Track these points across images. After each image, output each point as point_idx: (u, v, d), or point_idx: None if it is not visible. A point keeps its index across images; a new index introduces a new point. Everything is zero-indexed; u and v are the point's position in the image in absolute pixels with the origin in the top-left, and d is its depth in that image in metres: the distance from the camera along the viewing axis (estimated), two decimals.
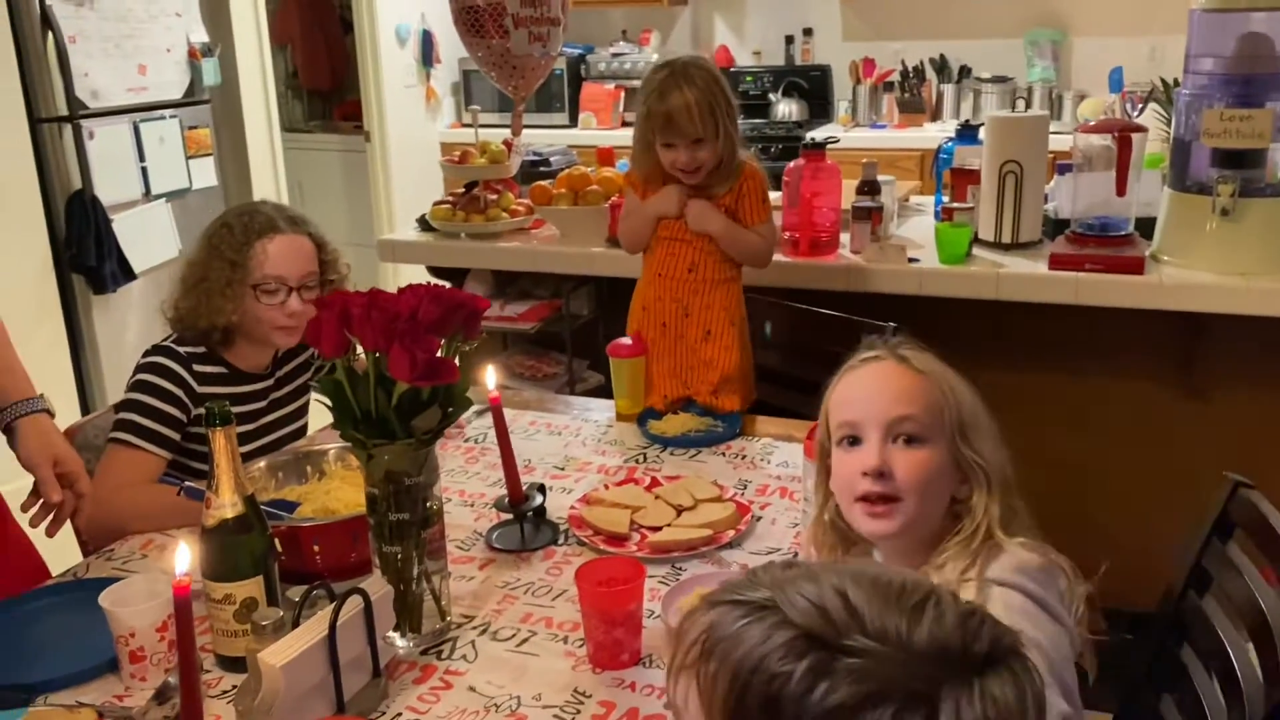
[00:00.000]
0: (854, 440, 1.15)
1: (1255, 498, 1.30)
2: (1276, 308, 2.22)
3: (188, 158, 3.86)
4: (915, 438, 1.11)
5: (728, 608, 0.66)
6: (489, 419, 2.05)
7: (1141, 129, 2.36)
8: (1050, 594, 1.06)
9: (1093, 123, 2.58)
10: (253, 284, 1.84)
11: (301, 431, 2.07)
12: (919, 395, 1.12)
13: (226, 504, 1.27)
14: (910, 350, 1.17)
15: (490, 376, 1.61)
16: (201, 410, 1.82)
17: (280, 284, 1.85)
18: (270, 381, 1.97)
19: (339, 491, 1.60)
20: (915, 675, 0.60)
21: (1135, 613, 1.39)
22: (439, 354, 1.27)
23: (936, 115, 4.79)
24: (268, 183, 4.49)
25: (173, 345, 1.87)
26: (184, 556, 1.07)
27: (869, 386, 1.15)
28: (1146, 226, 2.45)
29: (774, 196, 2.21)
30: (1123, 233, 2.40)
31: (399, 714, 1.23)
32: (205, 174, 3.95)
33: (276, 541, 1.34)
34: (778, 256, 2.52)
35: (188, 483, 1.48)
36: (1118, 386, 2.55)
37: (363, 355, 1.28)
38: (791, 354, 2.34)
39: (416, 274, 3.17)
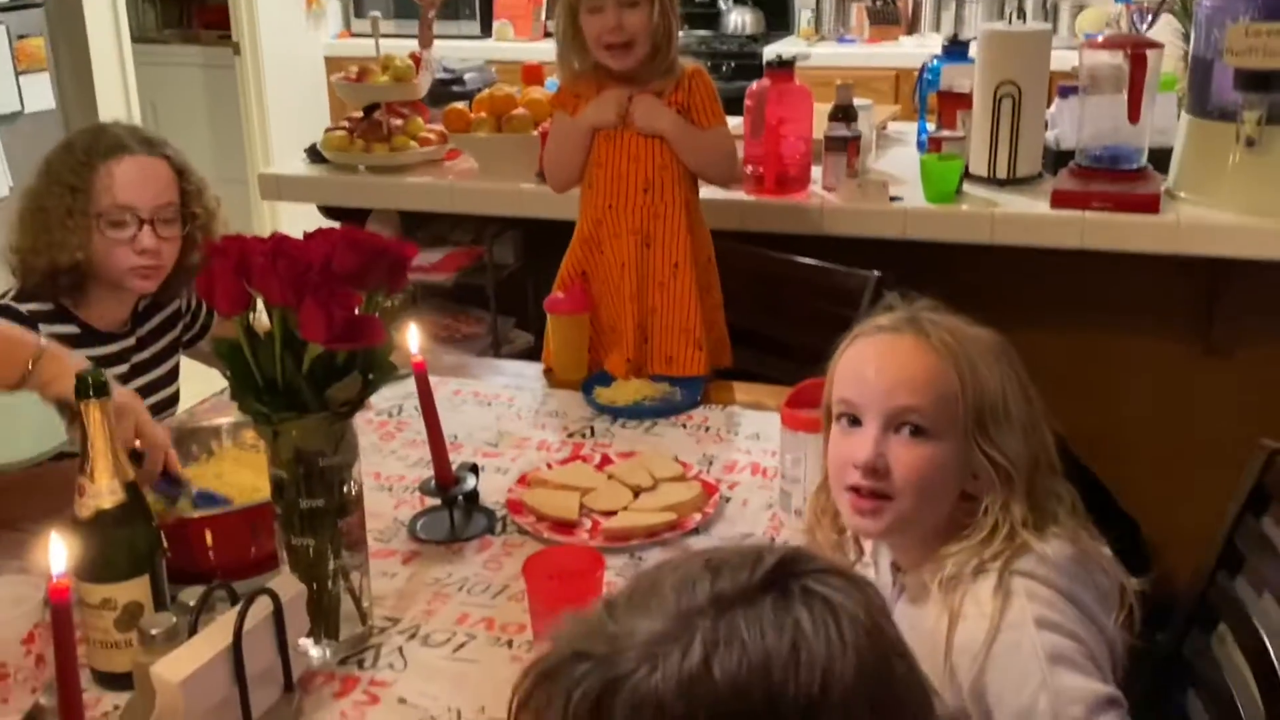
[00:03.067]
0: (853, 420, 1.18)
1: None
2: None
3: (18, 73, 3.76)
4: (921, 430, 1.13)
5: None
6: (402, 388, 2.03)
7: (1157, 45, 2.42)
8: (1085, 590, 1.10)
9: (1099, 37, 2.63)
10: (97, 213, 1.83)
11: (172, 400, 2.06)
12: (930, 382, 1.13)
13: (104, 491, 1.25)
14: (935, 319, 1.17)
15: (413, 337, 1.61)
16: None
17: (130, 214, 1.84)
18: (131, 341, 1.95)
19: (232, 475, 1.60)
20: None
21: (1157, 600, 1.44)
22: (358, 311, 1.27)
23: (914, 28, 4.84)
24: (116, 104, 4.38)
25: (11, 304, 1.84)
26: (59, 552, 1.06)
27: (876, 364, 1.17)
28: (1161, 159, 2.51)
29: (732, 122, 2.23)
30: (1135, 166, 2.46)
31: None
32: (40, 94, 3.85)
33: (163, 536, 1.33)
34: (738, 195, 2.54)
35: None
36: (1128, 344, 2.62)
37: (265, 312, 1.28)
38: (757, 308, 2.37)
39: (303, 215, 3.12)
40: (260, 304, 1.27)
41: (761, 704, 0.67)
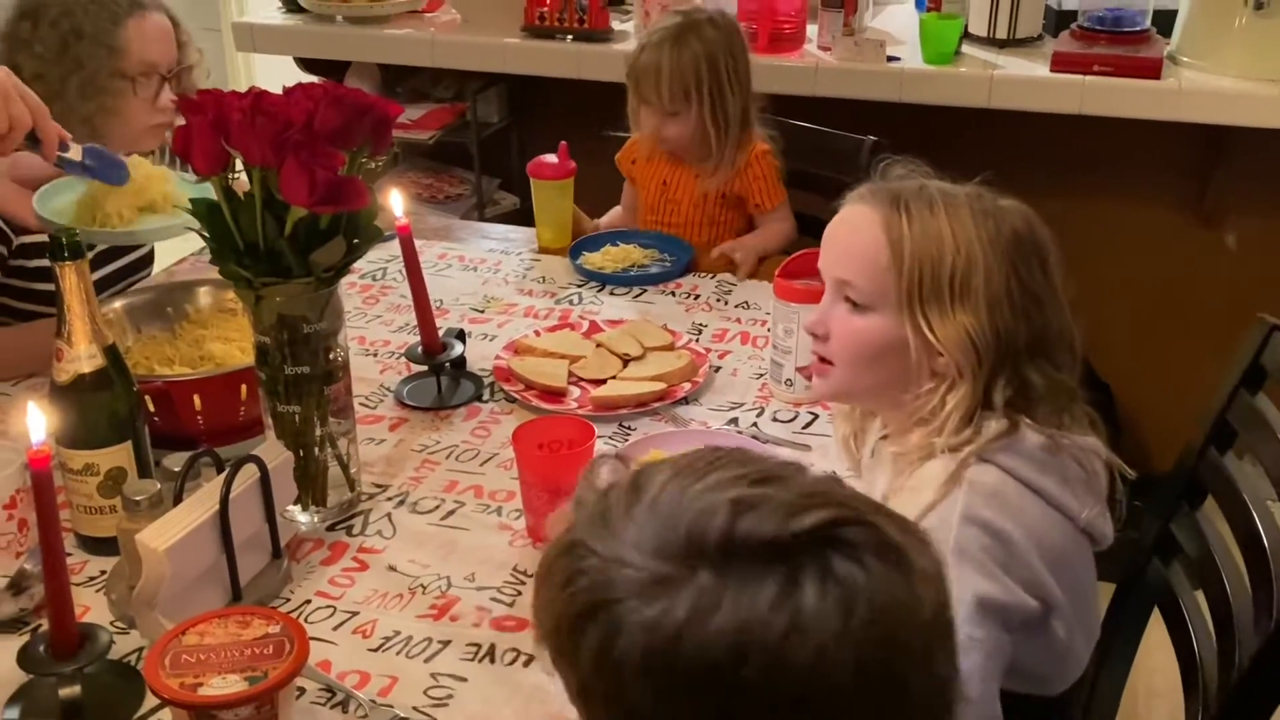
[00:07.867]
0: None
1: None
2: None
3: None
4: (859, 304, 1.12)
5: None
6: (386, 250, 1.99)
7: None
8: (1048, 476, 1.07)
9: None
10: (131, 75, 1.79)
11: (146, 261, 2.01)
12: (867, 257, 1.09)
13: (82, 356, 1.22)
14: (918, 194, 1.10)
15: (397, 200, 1.56)
16: (19, 240, 1.75)
17: (155, 72, 1.81)
18: None
19: (211, 341, 1.56)
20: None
21: (1146, 475, 1.43)
22: (341, 172, 1.22)
23: None
24: None
25: None
26: (37, 420, 1.03)
27: (833, 233, 1.16)
28: (1165, 21, 2.45)
29: None
30: (1138, 28, 2.40)
31: (308, 600, 1.24)
32: None
33: (147, 400, 1.31)
34: None
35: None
36: (1119, 211, 2.59)
37: (244, 173, 1.23)
38: None
39: (280, 67, 3.03)
40: (239, 163, 1.22)
41: (727, 682, 0.62)
